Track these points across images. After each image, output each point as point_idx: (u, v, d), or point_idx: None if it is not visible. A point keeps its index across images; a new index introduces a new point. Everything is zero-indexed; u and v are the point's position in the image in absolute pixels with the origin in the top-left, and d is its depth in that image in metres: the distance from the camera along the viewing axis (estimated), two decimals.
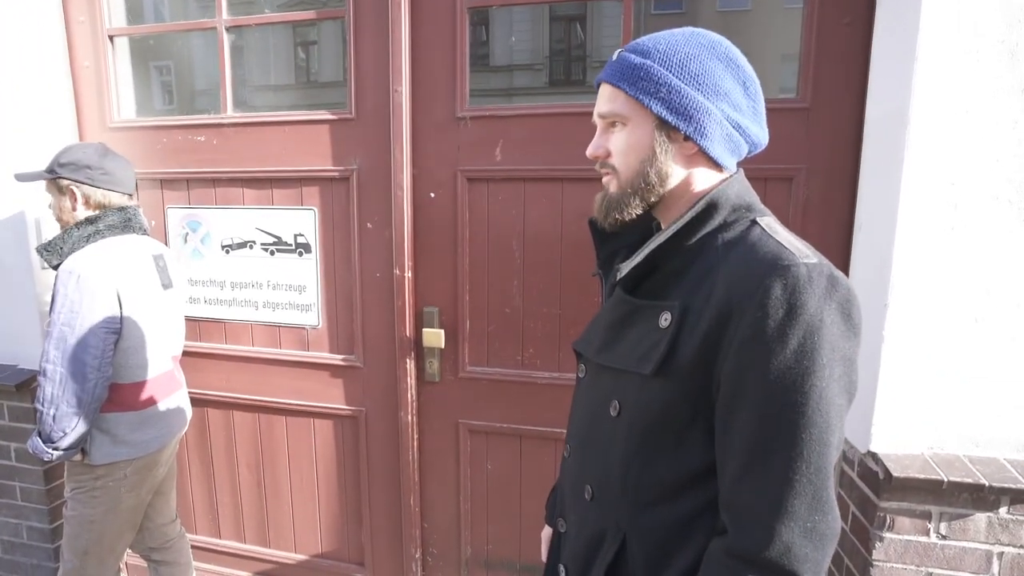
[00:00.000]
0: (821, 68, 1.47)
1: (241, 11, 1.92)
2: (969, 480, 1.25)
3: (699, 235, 0.76)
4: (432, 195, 1.77)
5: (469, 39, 1.71)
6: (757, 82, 0.77)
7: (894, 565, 1.34)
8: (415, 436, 1.90)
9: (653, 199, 0.78)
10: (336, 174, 1.82)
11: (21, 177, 1.60)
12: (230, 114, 1.89)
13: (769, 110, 1.46)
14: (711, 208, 0.75)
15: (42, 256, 1.50)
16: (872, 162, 1.42)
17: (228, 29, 1.86)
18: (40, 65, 1.90)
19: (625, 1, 1.59)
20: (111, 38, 1.96)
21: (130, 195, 1.63)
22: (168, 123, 1.94)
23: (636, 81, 0.74)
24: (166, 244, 2.01)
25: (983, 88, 1.21)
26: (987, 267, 1.26)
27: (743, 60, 0.76)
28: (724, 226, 0.75)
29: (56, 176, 1.52)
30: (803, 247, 0.70)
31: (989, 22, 1.19)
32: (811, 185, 1.51)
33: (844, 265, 1.50)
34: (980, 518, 1.29)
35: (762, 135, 0.79)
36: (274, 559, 2.15)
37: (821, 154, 1.50)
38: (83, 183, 1.52)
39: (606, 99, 0.79)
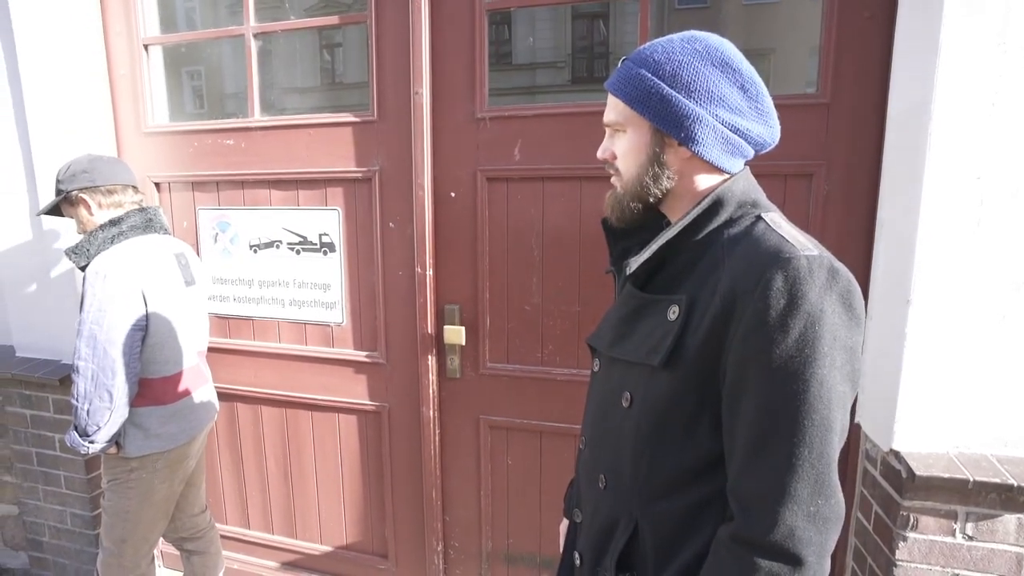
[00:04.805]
0: (842, 63, 1.45)
1: (268, 16, 1.98)
2: (997, 480, 1.23)
3: (705, 231, 0.78)
4: (452, 194, 1.80)
5: (490, 39, 1.73)
6: (759, 83, 0.78)
7: (918, 565, 1.32)
8: (437, 431, 1.94)
9: (651, 200, 0.82)
10: (359, 175, 1.87)
11: (40, 212, 1.70)
12: (257, 118, 1.95)
13: (788, 106, 1.46)
14: (717, 205, 0.77)
15: (70, 258, 1.58)
16: (894, 157, 1.39)
17: (255, 36, 1.92)
18: (82, 73, 1.98)
19: (642, 1, 1.59)
20: (146, 47, 2.04)
21: (135, 187, 1.69)
22: (198, 128, 2.01)
23: (631, 91, 0.78)
24: (197, 244, 2.08)
25: (1010, 80, 1.19)
26: (1015, 263, 1.23)
27: (742, 63, 0.77)
28: (730, 222, 0.77)
29: (65, 193, 1.60)
30: (805, 240, 0.72)
31: (1017, 12, 1.17)
32: (831, 181, 1.50)
33: (866, 261, 1.48)
34: (1009, 519, 1.27)
35: (768, 134, 0.80)
36: (300, 550, 2.21)
37: (842, 150, 1.48)
38: (87, 186, 1.59)
39: (609, 107, 0.83)
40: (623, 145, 0.82)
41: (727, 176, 0.81)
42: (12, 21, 1.93)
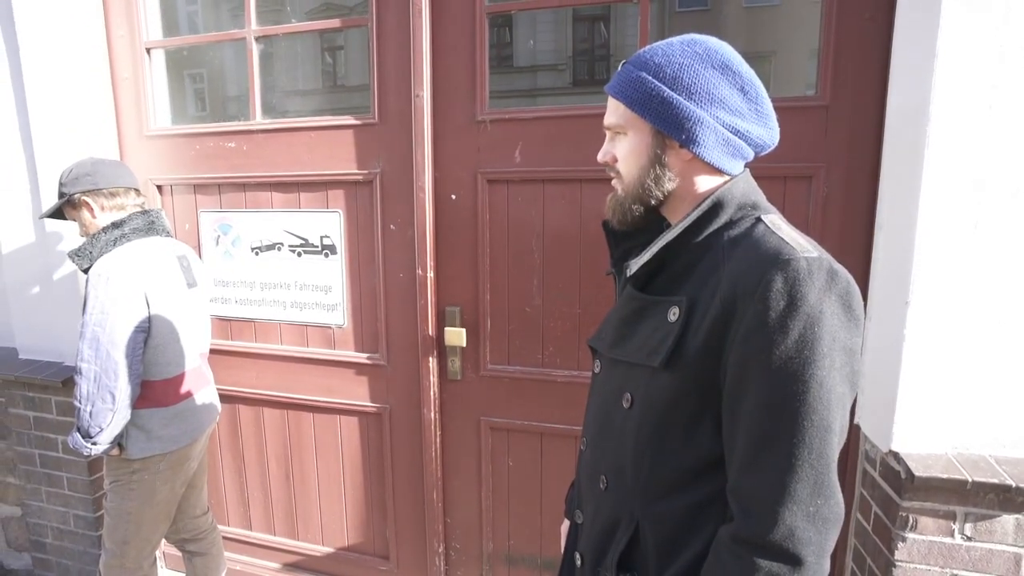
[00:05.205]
0: (841, 65, 1.46)
1: (270, 19, 1.99)
2: (995, 480, 1.23)
3: (706, 233, 0.79)
4: (453, 197, 1.81)
5: (491, 41, 1.74)
6: (758, 85, 0.79)
7: (917, 566, 1.32)
8: (438, 433, 1.94)
9: (652, 202, 0.83)
10: (360, 177, 1.87)
11: (43, 215, 1.71)
12: (259, 121, 1.96)
13: (787, 108, 1.47)
14: (717, 207, 0.78)
15: (73, 260, 1.58)
16: (893, 159, 1.40)
17: (257, 39, 1.93)
18: (85, 77, 1.99)
19: (642, 3, 1.60)
20: (148, 50, 2.05)
21: (137, 190, 1.70)
22: (200, 130, 2.02)
23: (632, 94, 0.79)
24: (198, 247, 2.09)
25: (1008, 83, 1.19)
26: (1013, 265, 1.24)
27: (741, 66, 0.78)
28: (730, 224, 0.78)
29: (68, 196, 1.61)
30: (804, 242, 0.72)
31: (1016, 15, 1.17)
32: (831, 183, 1.50)
33: (865, 263, 1.49)
34: (1007, 520, 1.27)
35: (768, 135, 0.81)
36: (302, 551, 2.21)
37: (841, 152, 1.49)
38: (90, 189, 1.60)
39: (610, 110, 0.84)
40: (624, 148, 0.83)
41: (727, 178, 0.81)
42: (15, 24, 1.94)
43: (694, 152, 0.77)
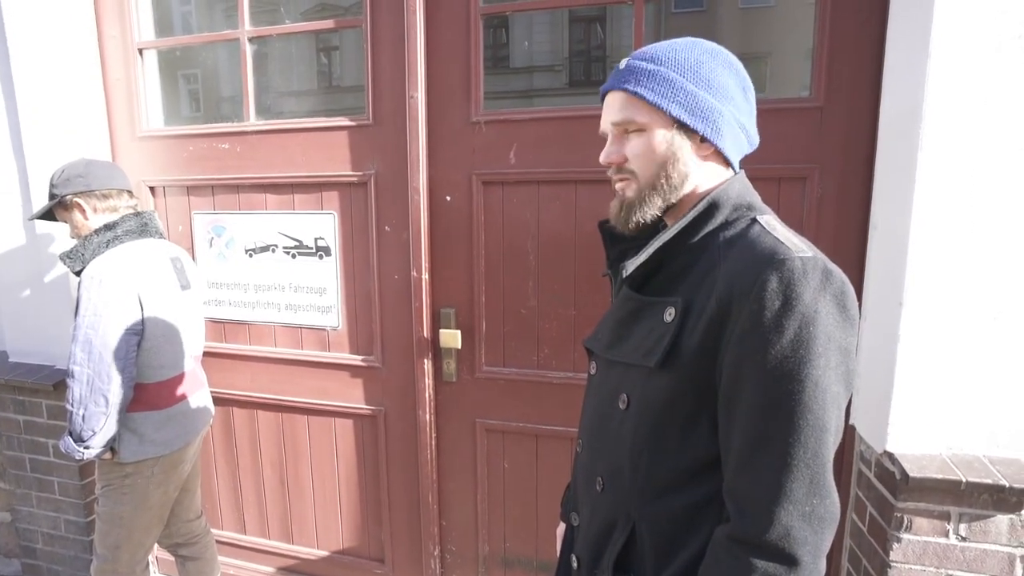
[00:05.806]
0: (835, 67, 1.46)
1: (264, 19, 1.98)
2: (989, 481, 1.23)
3: (702, 233, 0.79)
4: (448, 198, 1.80)
5: (488, 42, 1.74)
6: (752, 85, 0.81)
7: (912, 566, 1.32)
8: (433, 435, 1.93)
9: (674, 199, 0.81)
10: (355, 179, 1.87)
11: (33, 216, 1.69)
12: (252, 122, 1.95)
13: (782, 109, 1.48)
14: (713, 207, 0.78)
15: (65, 263, 1.57)
16: (886, 160, 1.41)
17: (251, 40, 1.92)
18: (76, 78, 1.98)
19: (636, 4, 1.60)
20: (140, 51, 2.03)
21: (130, 192, 1.68)
22: (193, 132, 2.01)
23: (654, 87, 0.77)
24: (192, 249, 2.08)
25: (1001, 82, 1.20)
26: (1007, 263, 1.24)
27: (740, 65, 0.80)
28: (726, 224, 0.78)
29: (59, 197, 1.59)
30: (799, 242, 0.72)
31: (1009, 15, 1.18)
32: (825, 184, 1.51)
33: (859, 264, 1.49)
34: (1001, 520, 1.28)
35: (756, 135, 0.84)
36: (297, 555, 2.20)
37: (835, 153, 1.49)
38: (83, 191, 1.59)
39: (620, 107, 0.80)
40: (640, 145, 0.79)
41: (726, 178, 0.82)
42: (5, 25, 1.92)
43: (716, 145, 0.78)
